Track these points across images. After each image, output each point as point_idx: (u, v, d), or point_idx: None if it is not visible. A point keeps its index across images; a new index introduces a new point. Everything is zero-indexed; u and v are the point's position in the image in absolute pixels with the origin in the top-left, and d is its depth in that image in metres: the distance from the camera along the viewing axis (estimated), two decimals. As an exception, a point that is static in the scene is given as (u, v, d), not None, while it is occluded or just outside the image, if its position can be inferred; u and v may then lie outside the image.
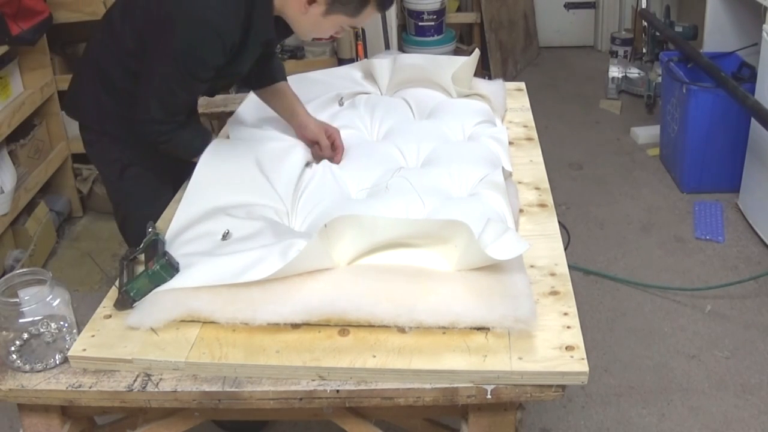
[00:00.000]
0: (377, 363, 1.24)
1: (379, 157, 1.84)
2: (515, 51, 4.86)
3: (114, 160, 1.92)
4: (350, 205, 1.61)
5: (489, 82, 2.30)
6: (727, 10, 3.55)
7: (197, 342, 1.30)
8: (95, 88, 1.85)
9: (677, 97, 3.43)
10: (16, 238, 3.03)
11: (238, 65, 1.78)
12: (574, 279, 1.46)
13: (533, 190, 1.79)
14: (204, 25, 1.62)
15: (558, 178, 3.49)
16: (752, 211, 3.15)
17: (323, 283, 1.35)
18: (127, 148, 1.89)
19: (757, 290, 2.79)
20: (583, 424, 2.24)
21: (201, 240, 1.51)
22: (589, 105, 4.42)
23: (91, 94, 1.86)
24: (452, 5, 4.75)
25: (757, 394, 2.32)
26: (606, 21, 5.11)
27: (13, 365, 1.30)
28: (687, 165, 3.41)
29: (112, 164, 1.93)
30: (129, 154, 1.90)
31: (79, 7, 3.18)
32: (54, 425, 1.34)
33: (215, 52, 1.67)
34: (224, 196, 1.65)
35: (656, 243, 3.11)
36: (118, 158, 1.91)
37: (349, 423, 1.35)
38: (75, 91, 1.93)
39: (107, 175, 2.00)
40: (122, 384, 1.26)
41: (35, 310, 1.30)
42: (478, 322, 1.29)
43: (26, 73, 3.16)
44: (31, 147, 3.17)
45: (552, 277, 1.45)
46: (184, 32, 1.63)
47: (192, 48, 1.65)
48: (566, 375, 1.21)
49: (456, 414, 1.33)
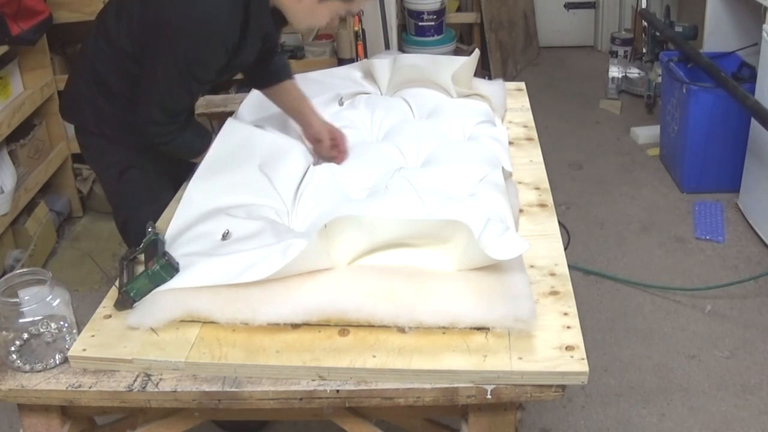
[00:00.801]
0: (377, 363, 1.24)
1: (379, 157, 1.84)
2: (515, 51, 4.86)
3: (113, 163, 1.91)
4: (350, 205, 1.61)
5: (489, 82, 2.30)
6: (727, 10, 3.55)
7: (197, 342, 1.30)
8: (92, 92, 1.84)
9: (677, 97, 3.43)
10: (16, 238, 3.03)
11: (238, 60, 1.78)
12: (574, 279, 1.46)
13: (533, 190, 1.79)
14: (204, 30, 1.61)
15: (558, 178, 3.49)
16: (752, 211, 3.15)
17: (323, 283, 1.35)
18: (125, 150, 1.88)
19: (757, 290, 2.79)
20: (583, 424, 2.24)
21: (201, 240, 1.50)
22: (589, 105, 4.42)
23: (87, 97, 1.85)
24: (452, 5, 4.75)
25: (757, 394, 2.32)
26: (606, 21, 5.11)
27: (13, 365, 1.30)
28: (687, 165, 3.41)
29: (111, 167, 1.92)
30: (127, 156, 1.88)
31: (79, 7, 3.18)
32: (54, 425, 1.34)
33: (216, 54, 1.67)
34: (224, 196, 1.65)
35: (656, 243, 3.11)
36: (116, 161, 1.90)
37: (349, 423, 1.35)
38: (71, 95, 1.91)
39: (106, 178, 1.98)
40: (122, 384, 1.26)
41: (35, 310, 1.30)
42: (478, 322, 1.29)
43: (26, 73, 3.16)
44: (31, 147, 3.17)
45: (552, 277, 1.45)
46: (185, 38, 1.63)
47: (193, 52, 1.65)
48: (566, 375, 1.21)
49: (456, 414, 1.33)
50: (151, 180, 1.92)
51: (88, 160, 2.00)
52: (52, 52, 3.27)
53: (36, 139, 3.22)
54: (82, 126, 1.91)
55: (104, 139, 1.88)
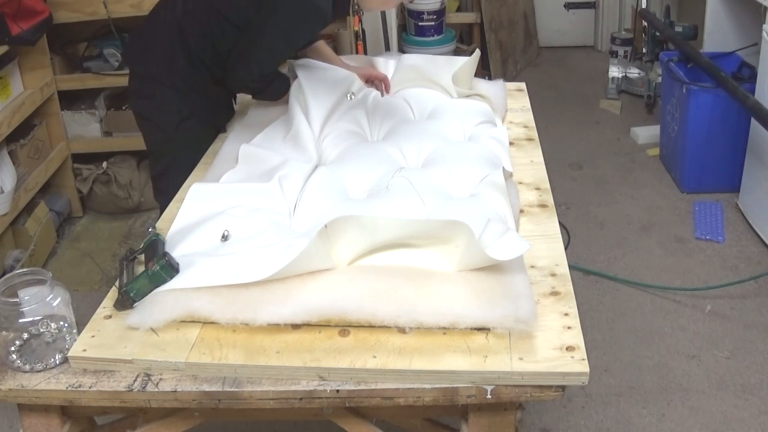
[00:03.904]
0: (378, 363, 1.24)
1: (380, 158, 1.84)
2: (515, 51, 4.86)
3: (175, 111, 2.08)
4: (351, 205, 1.61)
5: (490, 82, 2.30)
6: (727, 10, 3.55)
7: (197, 342, 1.30)
8: (172, 47, 2.03)
9: (677, 97, 3.43)
10: (16, 238, 3.03)
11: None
12: (574, 279, 1.46)
13: (534, 190, 1.79)
14: (312, 7, 1.89)
15: (558, 178, 3.49)
16: (752, 211, 3.15)
17: (324, 284, 1.35)
18: (190, 102, 2.07)
19: (757, 290, 2.79)
20: (583, 424, 2.24)
21: (201, 240, 1.50)
22: (589, 105, 4.42)
23: (166, 50, 2.03)
24: (452, 5, 4.75)
25: (757, 394, 2.32)
26: (606, 21, 5.11)
27: (13, 365, 1.30)
28: (687, 165, 3.41)
29: (172, 115, 2.08)
30: (190, 107, 2.08)
31: (79, 7, 3.18)
32: (54, 425, 1.34)
33: (315, 31, 2.07)
34: (225, 196, 1.65)
35: (656, 243, 3.11)
36: (179, 109, 2.07)
37: (349, 423, 1.35)
38: (145, 45, 2.10)
39: (163, 124, 2.11)
40: (122, 384, 1.26)
41: (35, 310, 1.30)
42: (478, 322, 1.29)
43: (26, 73, 3.16)
44: (31, 147, 3.17)
45: (552, 278, 1.45)
46: (294, 13, 1.89)
47: (300, 25, 1.93)
48: (567, 375, 1.21)
49: (456, 414, 1.33)
50: (203, 131, 2.12)
51: (146, 108, 2.13)
52: (52, 52, 3.27)
53: (36, 139, 3.22)
54: (154, 75, 2.08)
55: (173, 89, 2.06)
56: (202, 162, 1.98)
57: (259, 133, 1.99)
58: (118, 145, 3.42)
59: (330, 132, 1.98)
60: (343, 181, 1.75)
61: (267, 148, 1.89)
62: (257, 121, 2.08)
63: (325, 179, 1.75)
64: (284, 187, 1.69)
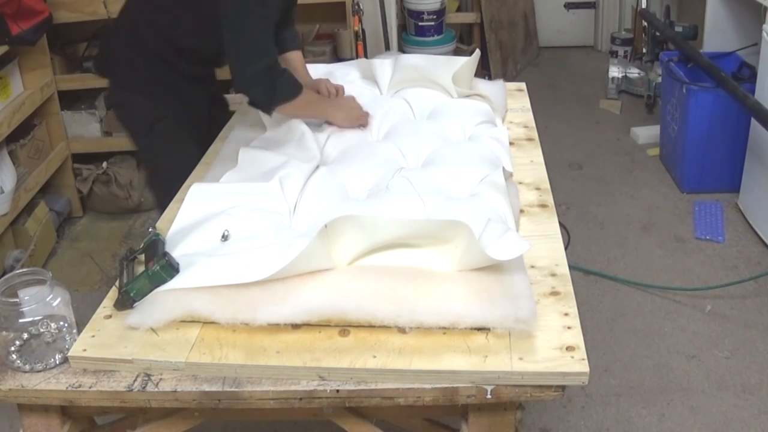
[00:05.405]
0: (378, 363, 1.24)
1: (380, 158, 1.84)
2: (515, 51, 4.86)
3: (145, 116, 2.06)
4: (351, 205, 1.61)
5: (490, 82, 2.30)
6: (727, 10, 3.55)
7: (197, 342, 1.30)
8: (130, 50, 2.01)
9: (677, 97, 3.43)
10: (16, 238, 3.03)
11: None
12: (574, 279, 1.46)
13: (534, 190, 1.79)
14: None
15: (558, 178, 3.49)
16: (752, 211, 3.15)
17: (324, 284, 1.35)
18: (157, 103, 2.05)
19: (757, 290, 2.79)
20: (583, 424, 2.24)
21: (201, 240, 1.50)
22: (589, 105, 4.42)
23: (125, 54, 2.03)
24: (452, 5, 4.75)
25: (757, 394, 2.32)
26: (606, 21, 5.11)
27: (13, 365, 1.30)
28: (687, 165, 3.41)
29: (143, 120, 2.07)
30: (159, 108, 2.05)
31: (79, 7, 3.18)
32: (54, 425, 1.34)
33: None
34: (225, 196, 1.65)
35: (656, 243, 3.11)
36: (149, 113, 2.05)
37: (349, 423, 1.35)
38: (107, 52, 2.12)
39: (138, 131, 2.12)
40: (122, 384, 1.26)
41: (35, 310, 1.30)
42: (478, 322, 1.29)
43: (26, 73, 3.16)
44: (31, 147, 3.17)
45: (552, 278, 1.45)
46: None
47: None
48: (567, 375, 1.21)
49: (456, 414, 1.33)
50: (179, 131, 2.08)
51: (123, 118, 2.15)
52: (52, 52, 3.27)
53: (36, 139, 3.22)
54: (118, 81, 2.09)
55: (138, 93, 2.05)
56: (202, 162, 1.97)
57: (260, 133, 1.99)
58: (118, 145, 3.42)
59: (331, 132, 1.98)
60: (343, 181, 1.75)
61: (267, 148, 1.89)
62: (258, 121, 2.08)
63: (325, 179, 1.75)
64: (284, 187, 1.69)
